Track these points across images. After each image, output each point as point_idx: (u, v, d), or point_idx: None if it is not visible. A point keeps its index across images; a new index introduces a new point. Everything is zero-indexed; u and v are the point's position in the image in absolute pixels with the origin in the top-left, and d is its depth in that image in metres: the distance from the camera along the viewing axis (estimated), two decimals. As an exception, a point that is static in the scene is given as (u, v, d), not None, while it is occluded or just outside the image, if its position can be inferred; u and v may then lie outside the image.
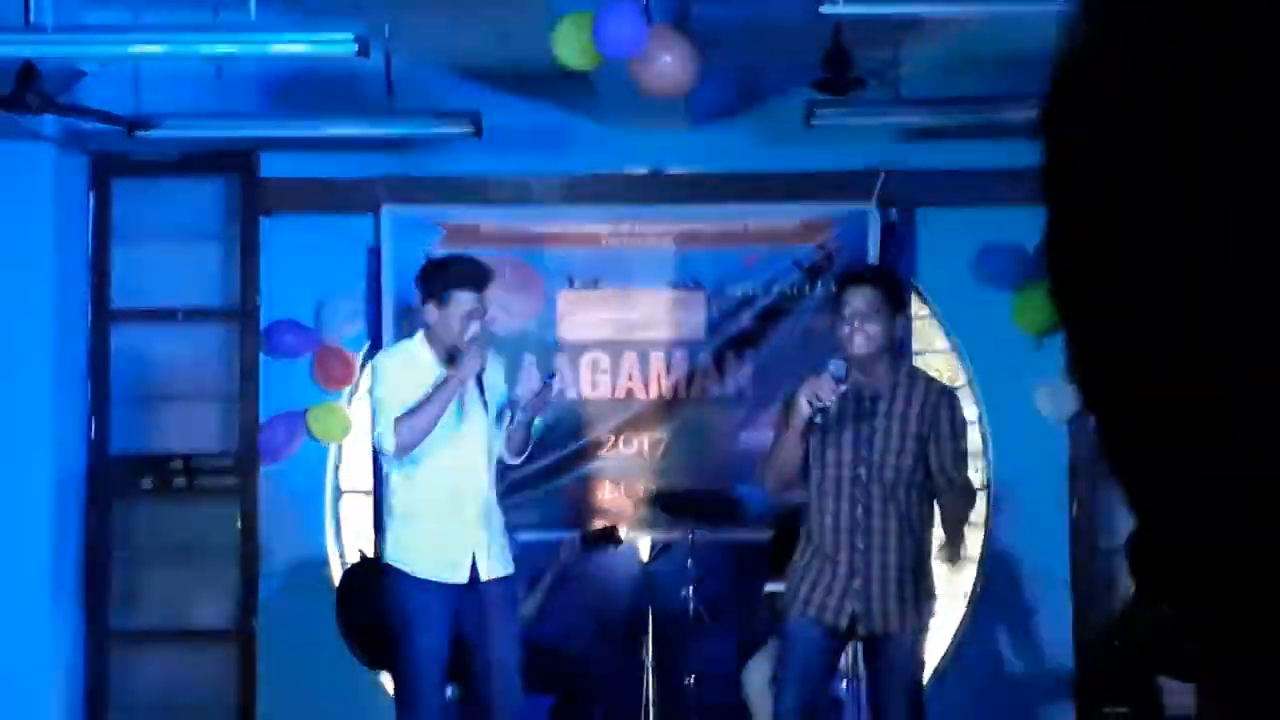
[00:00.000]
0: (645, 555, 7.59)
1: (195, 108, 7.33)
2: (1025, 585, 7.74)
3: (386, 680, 7.34)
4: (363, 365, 7.70)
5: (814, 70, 6.82)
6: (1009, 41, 6.67)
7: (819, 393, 5.63)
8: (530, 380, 6.14)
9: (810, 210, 7.64)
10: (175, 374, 7.64)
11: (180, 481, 7.56)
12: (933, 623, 6.26)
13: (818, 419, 5.69)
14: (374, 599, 6.71)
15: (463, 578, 6.12)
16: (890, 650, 5.84)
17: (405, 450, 6.08)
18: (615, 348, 7.69)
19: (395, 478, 6.23)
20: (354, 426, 7.73)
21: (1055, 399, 7.38)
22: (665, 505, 7.42)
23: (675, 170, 7.80)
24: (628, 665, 7.36)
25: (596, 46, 6.17)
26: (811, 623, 5.81)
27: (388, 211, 7.62)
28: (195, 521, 7.58)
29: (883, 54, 7.01)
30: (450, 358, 6.10)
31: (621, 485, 7.64)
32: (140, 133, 7.10)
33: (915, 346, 7.71)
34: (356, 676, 7.29)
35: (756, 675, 7.00)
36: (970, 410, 7.71)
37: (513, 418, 6.18)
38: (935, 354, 7.86)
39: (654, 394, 7.70)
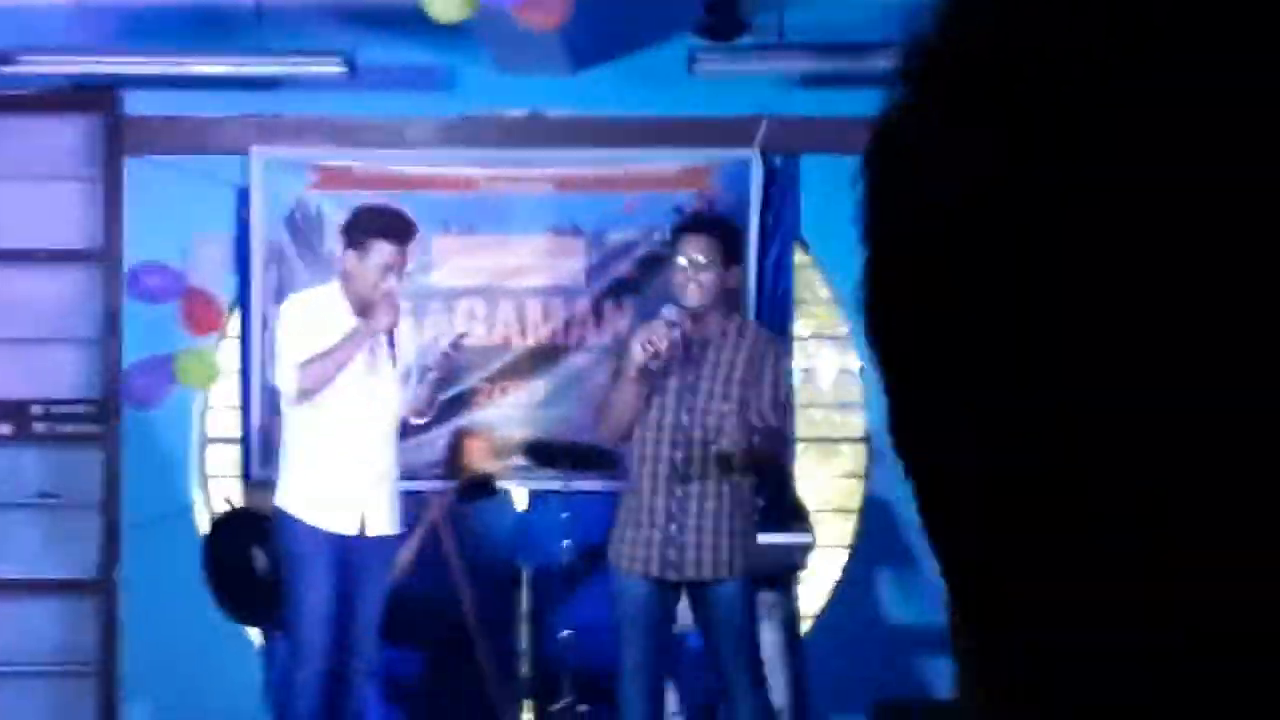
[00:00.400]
0: (521, 505, 7.55)
1: (56, 42, 7.17)
2: (904, 535, 7.75)
3: (253, 632, 7.24)
4: (230, 310, 7.58)
5: (697, 13, 6.77)
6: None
7: (652, 339, 5.64)
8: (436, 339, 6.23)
9: (692, 156, 7.52)
10: (37, 317, 7.42)
11: (41, 427, 7.35)
12: (806, 571, 6.29)
13: (653, 365, 5.65)
14: (243, 550, 6.64)
15: (351, 529, 6.15)
16: (715, 598, 5.88)
17: (306, 395, 6.11)
18: (492, 294, 7.55)
19: (294, 422, 6.25)
20: (222, 373, 7.58)
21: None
22: (541, 455, 7.31)
23: (554, 113, 7.67)
24: (503, 617, 7.27)
25: None
26: (638, 574, 5.86)
27: (258, 152, 7.43)
28: (57, 469, 7.38)
29: (767, -3, 6.94)
30: (363, 309, 6.09)
31: (498, 434, 7.52)
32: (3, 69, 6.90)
33: (798, 296, 7.67)
34: (222, 627, 7.19)
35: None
36: (852, 361, 7.75)
37: (421, 377, 6.28)
38: (818, 304, 7.82)
39: (531, 341, 7.57)
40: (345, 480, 6.16)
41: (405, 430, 6.59)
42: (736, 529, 5.91)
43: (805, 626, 7.48)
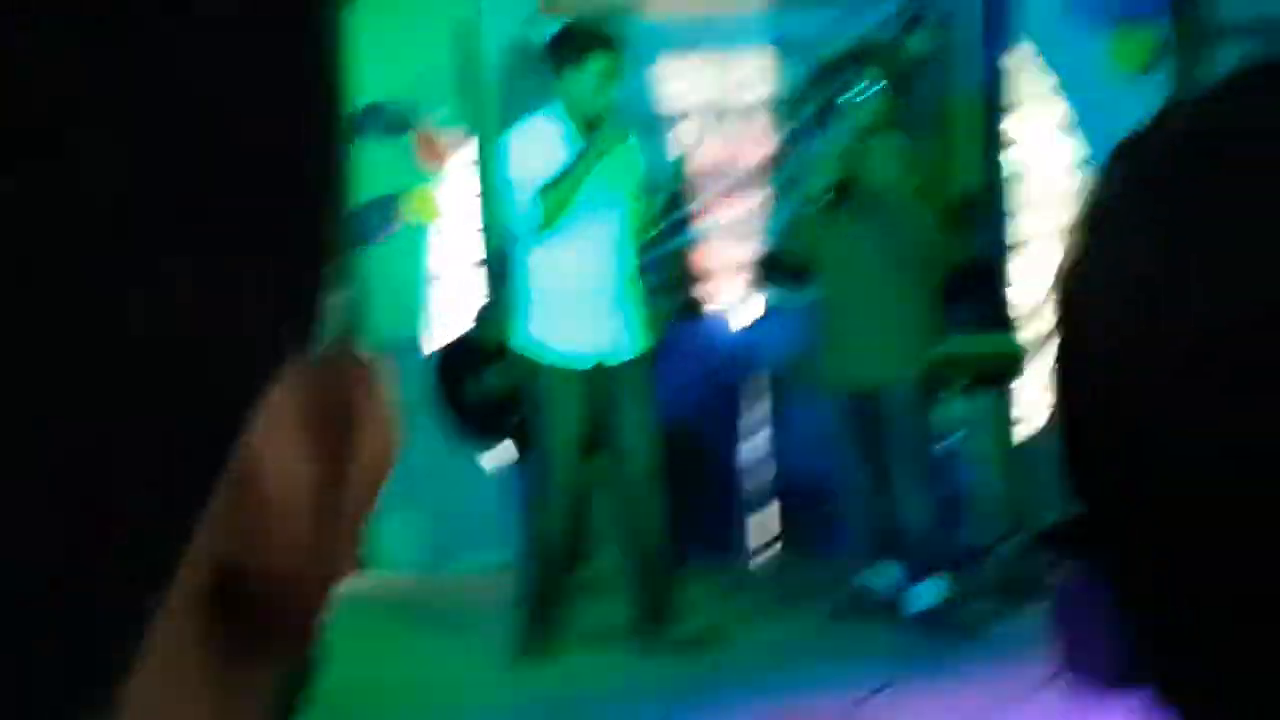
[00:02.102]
0: (752, 317, 7.92)
1: None
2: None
3: (487, 457, 7.69)
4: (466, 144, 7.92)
5: None
6: None
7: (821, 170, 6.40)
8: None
9: None
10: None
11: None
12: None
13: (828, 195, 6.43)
14: (475, 375, 7.10)
15: (596, 357, 6.23)
16: (900, 403, 6.50)
17: (547, 225, 6.10)
18: (716, 112, 7.88)
19: (531, 258, 6.28)
20: (446, 208, 8.02)
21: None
22: (771, 269, 7.58)
23: None
24: (732, 424, 7.75)
25: None
26: (841, 389, 6.53)
27: None
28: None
29: None
30: (588, 127, 6.10)
31: (728, 248, 7.85)
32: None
33: (1021, 89, 7.90)
34: (456, 453, 7.56)
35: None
36: (1075, 152, 7.90)
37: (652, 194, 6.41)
38: (1040, 98, 7.92)
39: (758, 155, 7.87)
40: (584, 310, 6.21)
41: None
42: (922, 338, 6.53)
43: (1026, 428, 7.70)
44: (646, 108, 7.74)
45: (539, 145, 6.17)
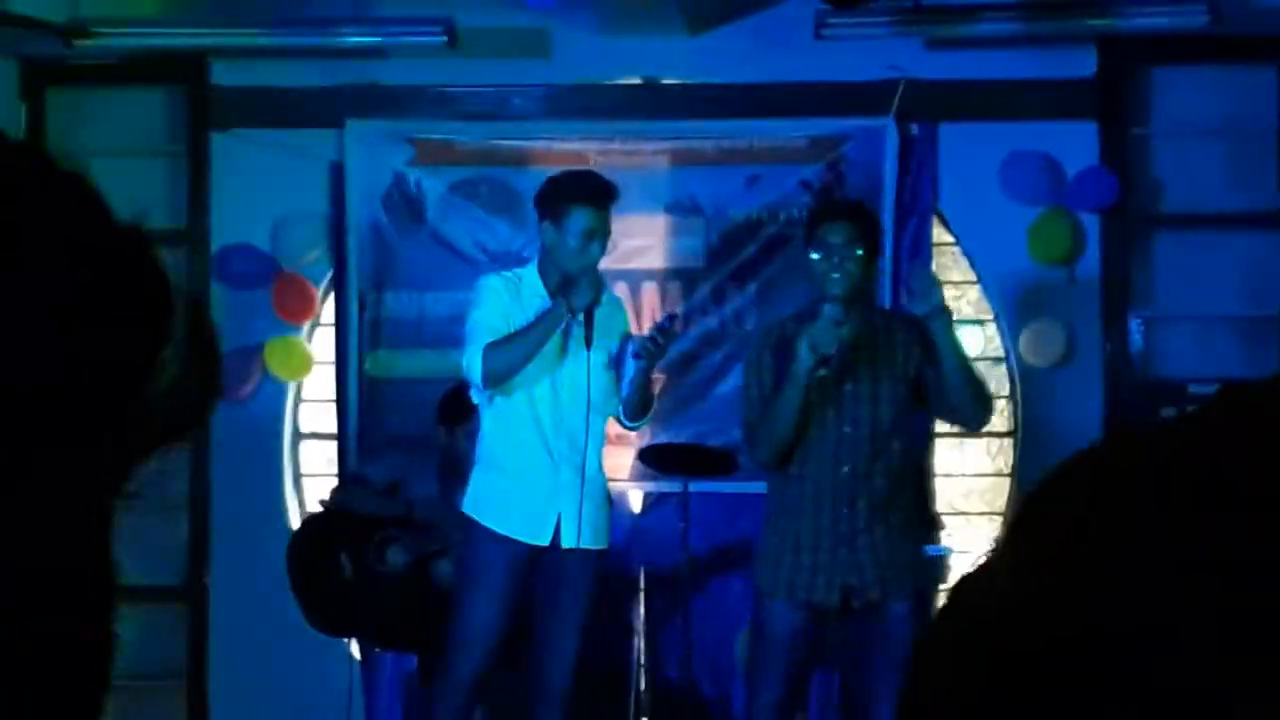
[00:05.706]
0: (637, 508, 7.81)
1: (140, 13, 7.63)
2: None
3: (353, 645, 7.48)
4: (324, 296, 7.91)
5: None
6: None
7: (819, 341, 5.53)
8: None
9: (820, 125, 7.77)
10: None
11: (124, 420, 7.64)
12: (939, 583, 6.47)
13: (822, 371, 5.57)
14: (332, 556, 6.79)
15: (543, 539, 5.95)
16: (886, 621, 5.76)
17: (494, 381, 5.88)
18: (606, 277, 7.65)
19: (484, 418, 6.09)
20: (315, 363, 7.95)
21: (1038, 343, 7.73)
22: (657, 459, 7.46)
23: (671, 80, 7.97)
24: (619, 629, 7.44)
25: None
26: (798, 604, 5.78)
27: (352, 125, 7.82)
28: (142, 468, 7.62)
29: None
30: (564, 287, 5.91)
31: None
32: (79, 41, 7.42)
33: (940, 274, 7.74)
34: (320, 638, 7.23)
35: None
36: (996, 348, 7.84)
37: (631, 368, 6.00)
38: (958, 285, 7.94)
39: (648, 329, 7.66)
40: (537, 483, 5.99)
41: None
42: (915, 541, 5.91)
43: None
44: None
45: (509, 295, 6.01)
